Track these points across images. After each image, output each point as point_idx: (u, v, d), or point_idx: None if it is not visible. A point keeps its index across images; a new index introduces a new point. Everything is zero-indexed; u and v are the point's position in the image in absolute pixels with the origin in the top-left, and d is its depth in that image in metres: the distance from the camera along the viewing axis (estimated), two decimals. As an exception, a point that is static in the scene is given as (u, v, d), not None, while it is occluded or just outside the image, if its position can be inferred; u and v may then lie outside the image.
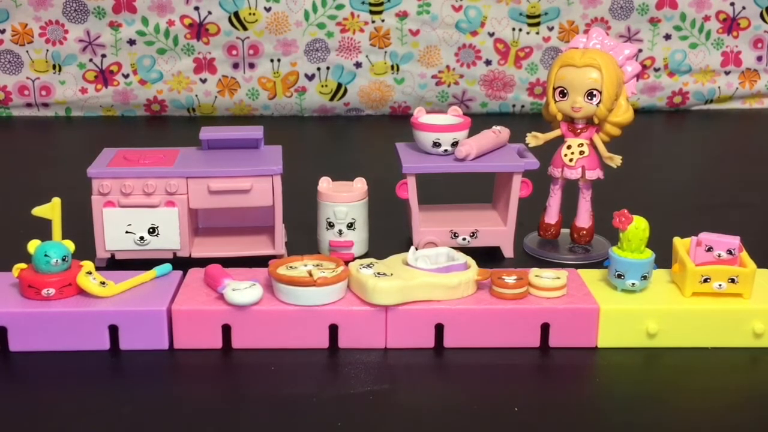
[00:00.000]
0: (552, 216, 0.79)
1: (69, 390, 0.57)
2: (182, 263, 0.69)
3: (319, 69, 1.35)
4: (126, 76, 1.34)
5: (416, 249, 0.65)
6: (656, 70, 1.40)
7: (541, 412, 0.55)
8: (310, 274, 0.61)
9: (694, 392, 0.58)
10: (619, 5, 1.36)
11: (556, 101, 0.74)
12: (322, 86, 1.36)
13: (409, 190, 0.77)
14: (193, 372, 0.59)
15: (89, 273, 0.62)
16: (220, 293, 0.61)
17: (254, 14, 1.32)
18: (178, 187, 0.71)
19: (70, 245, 0.62)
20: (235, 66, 1.34)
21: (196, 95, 1.35)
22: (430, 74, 1.37)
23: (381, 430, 0.53)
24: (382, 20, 1.34)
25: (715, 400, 0.56)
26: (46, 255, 0.61)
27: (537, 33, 1.36)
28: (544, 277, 0.63)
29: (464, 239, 0.77)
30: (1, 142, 1.26)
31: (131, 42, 1.32)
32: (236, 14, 1.31)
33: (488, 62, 1.37)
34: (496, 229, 0.78)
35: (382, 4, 1.33)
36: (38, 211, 0.63)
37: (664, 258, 0.66)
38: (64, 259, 0.62)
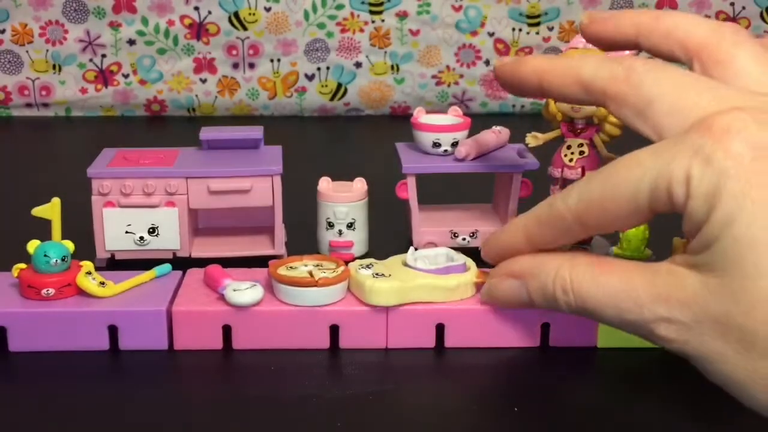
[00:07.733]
0: (552, 216, 0.79)
1: (68, 390, 0.57)
2: (182, 263, 0.69)
3: (319, 69, 1.35)
4: (126, 76, 1.34)
5: (416, 249, 0.65)
6: (656, 70, 1.40)
7: (541, 412, 0.55)
8: (311, 275, 0.61)
9: (695, 392, 0.57)
10: (619, 5, 1.36)
11: (555, 101, 0.74)
12: (322, 86, 1.36)
13: (409, 190, 0.76)
14: (192, 372, 0.59)
15: (89, 273, 0.62)
16: (221, 294, 0.61)
17: (254, 14, 1.32)
18: (178, 188, 0.71)
19: (69, 245, 0.62)
20: (235, 66, 1.34)
21: (196, 95, 1.35)
22: (430, 74, 1.37)
23: (381, 430, 0.53)
24: (382, 20, 1.34)
25: (717, 400, 0.56)
26: (45, 255, 0.61)
27: (537, 33, 1.36)
28: None
29: (464, 239, 0.77)
30: (1, 142, 1.26)
31: (131, 42, 1.32)
32: (236, 14, 1.31)
33: (488, 62, 1.37)
34: (496, 229, 0.77)
35: (382, 4, 1.33)
36: (38, 211, 0.63)
37: (664, 258, 0.66)
38: (63, 259, 0.61)
